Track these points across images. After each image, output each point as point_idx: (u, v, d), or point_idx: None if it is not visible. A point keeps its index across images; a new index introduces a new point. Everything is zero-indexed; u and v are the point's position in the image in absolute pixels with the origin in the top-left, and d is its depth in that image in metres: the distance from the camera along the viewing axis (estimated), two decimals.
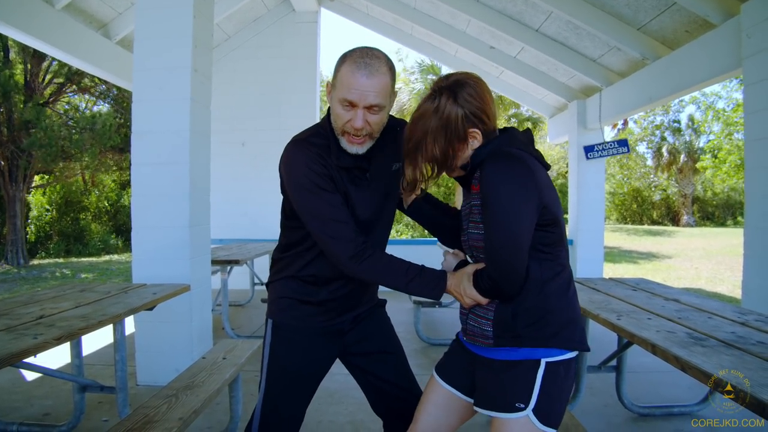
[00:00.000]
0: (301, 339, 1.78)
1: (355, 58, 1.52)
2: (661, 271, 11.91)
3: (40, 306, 2.53)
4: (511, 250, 1.37)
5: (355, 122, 1.53)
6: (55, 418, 3.17)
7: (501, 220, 1.37)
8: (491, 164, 1.40)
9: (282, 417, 1.76)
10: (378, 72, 1.51)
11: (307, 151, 1.61)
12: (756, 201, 3.66)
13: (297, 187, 1.60)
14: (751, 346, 1.77)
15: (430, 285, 1.55)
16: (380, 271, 1.57)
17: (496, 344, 1.47)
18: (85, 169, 15.73)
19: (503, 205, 1.37)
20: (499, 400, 1.45)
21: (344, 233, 1.57)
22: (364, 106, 1.52)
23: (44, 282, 10.85)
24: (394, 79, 1.58)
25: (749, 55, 3.66)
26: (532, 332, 1.43)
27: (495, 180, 1.38)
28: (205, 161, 3.99)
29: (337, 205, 1.58)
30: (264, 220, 7.73)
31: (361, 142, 1.59)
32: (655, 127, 28.40)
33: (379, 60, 1.53)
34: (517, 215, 1.37)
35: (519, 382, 1.43)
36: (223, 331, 5.00)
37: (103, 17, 5.88)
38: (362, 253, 1.56)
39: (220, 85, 7.52)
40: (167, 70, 3.73)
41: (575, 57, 6.34)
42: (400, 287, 1.58)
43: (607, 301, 2.72)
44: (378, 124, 1.58)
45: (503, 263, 1.39)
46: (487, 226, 1.41)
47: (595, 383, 3.69)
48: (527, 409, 1.40)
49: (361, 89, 1.50)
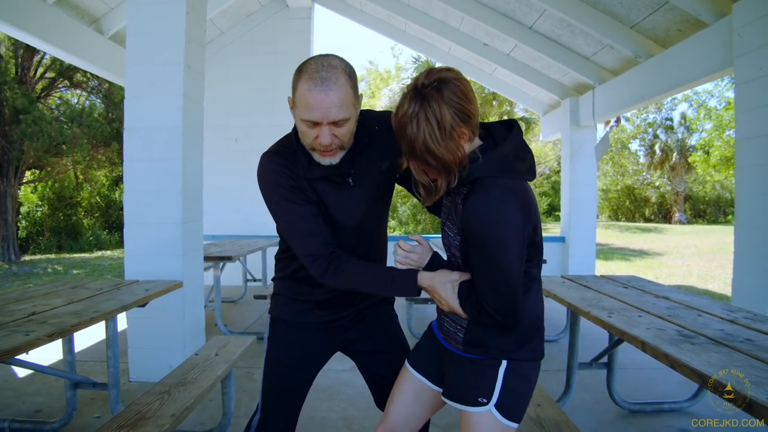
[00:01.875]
0: (297, 333, 1.80)
1: (311, 74, 1.44)
2: (653, 269, 11.98)
3: (32, 303, 2.52)
4: (507, 287, 1.37)
5: (322, 140, 1.49)
6: (47, 415, 3.16)
7: (496, 260, 1.34)
8: (478, 200, 1.34)
9: (280, 411, 1.78)
10: (336, 85, 1.44)
11: (273, 164, 1.60)
12: (747, 199, 3.69)
13: (267, 199, 1.62)
14: (739, 343, 1.79)
15: (403, 287, 1.54)
16: (348, 280, 1.57)
17: (464, 351, 1.52)
18: (77, 165, 15.62)
19: (496, 245, 1.34)
20: (463, 393, 1.50)
21: (310, 248, 1.57)
22: (328, 123, 1.46)
23: (36, 278, 10.78)
24: (355, 86, 1.52)
25: (741, 54, 3.68)
26: (499, 344, 1.48)
27: (484, 219, 1.33)
28: (198, 158, 3.98)
29: (305, 217, 1.57)
30: (256, 217, 7.71)
31: (333, 153, 1.55)
32: (647, 124, 28.49)
33: (335, 70, 1.45)
34: (511, 253, 1.34)
35: (482, 377, 1.48)
36: (216, 328, 4.99)
37: (96, 12, 5.84)
38: (328, 268, 1.56)
39: (213, 81, 7.50)
40: (160, 66, 3.71)
41: (568, 55, 6.35)
42: (375, 293, 1.62)
43: (598, 298, 2.74)
44: (347, 135, 1.53)
45: (501, 300, 1.37)
46: (480, 262, 1.39)
47: (586, 380, 3.71)
48: (489, 404, 1.45)
49: (321, 108, 1.43)
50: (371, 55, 72.40)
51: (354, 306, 1.82)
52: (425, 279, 1.52)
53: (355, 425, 3.08)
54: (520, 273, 1.38)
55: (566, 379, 3.27)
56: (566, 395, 3.25)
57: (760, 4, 3.48)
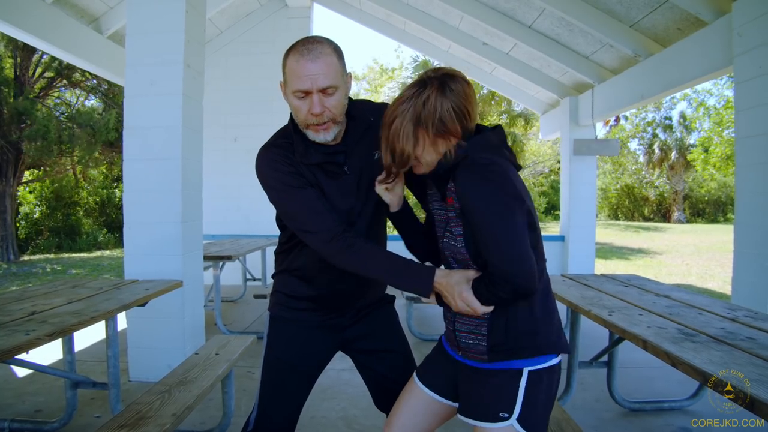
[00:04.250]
0: (297, 331, 1.79)
1: (298, 48, 1.51)
2: (653, 267, 11.98)
3: (32, 302, 2.52)
4: (519, 245, 1.32)
5: (313, 108, 1.51)
6: (47, 415, 3.16)
7: (498, 221, 1.31)
8: (467, 177, 1.34)
9: (278, 409, 1.77)
10: (322, 54, 1.49)
11: (271, 154, 1.62)
12: (746, 198, 3.69)
13: (270, 190, 1.62)
14: (741, 341, 1.79)
15: (418, 279, 1.48)
16: (363, 260, 1.53)
17: (491, 360, 1.45)
18: (77, 164, 15.61)
19: (494, 208, 1.31)
20: (482, 409, 1.43)
21: (322, 224, 1.55)
22: (317, 90, 1.49)
23: (35, 278, 10.78)
24: (342, 61, 1.57)
25: (740, 52, 3.68)
26: (525, 343, 1.43)
27: (476, 196, 1.32)
28: (197, 157, 3.98)
29: (311, 198, 1.57)
30: (256, 216, 7.72)
31: (326, 128, 1.56)
32: (646, 123, 28.52)
33: (321, 44, 1.51)
34: (513, 229, 1.32)
35: (502, 392, 1.42)
36: (216, 327, 4.99)
37: (95, 11, 5.83)
38: (342, 242, 1.53)
39: (212, 80, 7.48)
40: (159, 65, 3.71)
41: (568, 54, 6.35)
42: (385, 279, 1.55)
43: (598, 297, 2.74)
44: (337, 107, 1.55)
45: (515, 260, 1.32)
46: (485, 231, 1.34)
47: (586, 378, 3.71)
48: (511, 418, 1.39)
49: (309, 75, 1.48)
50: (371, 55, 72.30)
51: (353, 303, 1.81)
52: (441, 275, 1.46)
53: (356, 424, 3.08)
54: (525, 233, 1.34)
55: (567, 378, 3.26)
56: (567, 394, 3.25)
57: (760, 3, 3.48)
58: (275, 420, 1.77)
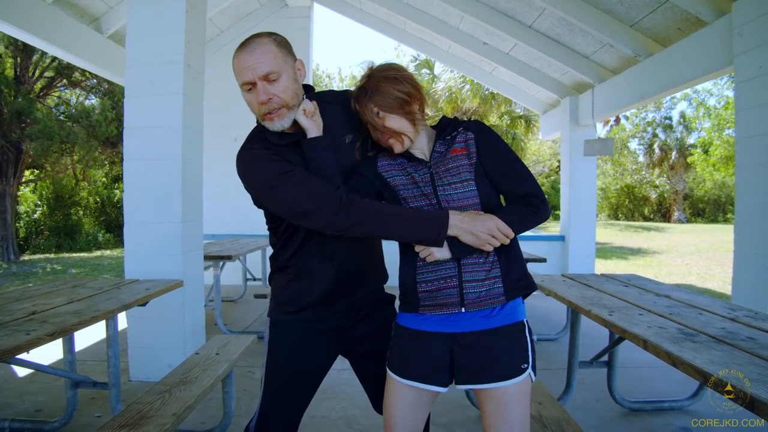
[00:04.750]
0: (298, 336, 1.77)
1: (239, 46, 1.60)
2: (653, 267, 11.99)
3: (33, 302, 2.52)
4: (535, 180, 1.61)
5: (259, 97, 1.57)
6: (48, 415, 3.16)
7: (526, 170, 1.61)
8: (485, 129, 1.64)
9: (279, 415, 1.76)
10: (258, 44, 1.57)
11: (250, 152, 1.67)
12: (746, 198, 3.70)
13: (258, 183, 1.65)
14: (741, 341, 1.79)
15: (432, 223, 1.49)
16: (371, 217, 1.53)
17: (508, 297, 1.56)
18: (77, 164, 15.60)
19: (518, 160, 1.62)
20: (507, 368, 1.52)
21: (319, 194, 1.55)
22: (259, 79, 1.56)
23: (35, 278, 10.78)
24: (284, 49, 1.62)
25: (741, 52, 3.68)
26: (526, 280, 1.62)
27: (497, 137, 1.63)
28: (198, 156, 3.98)
29: (303, 174, 1.58)
30: (256, 216, 7.57)
31: (279, 114, 1.60)
32: (647, 123, 28.52)
33: (258, 37, 1.59)
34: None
35: (518, 345, 1.55)
36: (216, 327, 4.99)
37: (95, 11, 5.83)
38: (346, 202, 1.53)
39: (212, 80, 7.45)
40: (159, 65, 3.71)
41: (568, 53, 6.35)
42: (397, 231, 1.53)
43: (599, 296, 2.74)
44: (285, 92, 1.59)
45: (538, 189, 1.58)
46: (511, 167, 1.60)
47: (586, 378, 3.71)
48: (529, 367, 1.54)
49: (247, 66, 1.55)
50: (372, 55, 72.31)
51: (351, 300, 1.79)
52: (455, 215, 1.50)
53: (356, 424, 3.08)
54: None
55: (567, 378, 3.26)
56: (567, 393, 3.25)
57: (761, 3, 3.49)
58: (277, 426, 1.76)
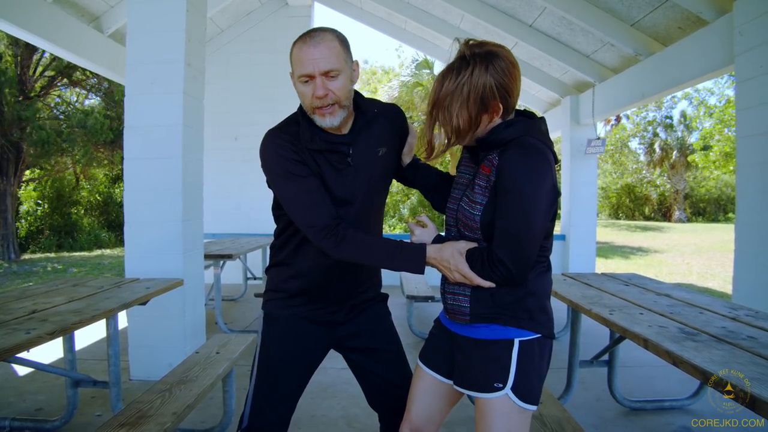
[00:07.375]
0: (291, 328, 1.79)
1: (302, 37, 1.58)
2: (653, 267, 11.98)
3: (33, 301, 2.52)
4: (529, 240, 1.40)
5: (317, 91, 1.56)
6: (48, 413, 3.16)
7: (524, 210, 1.37)
8: (516, 153, 1.39)
9: (272, 406, 1.76)
10: (324, 40, 1.55)
11: (277, 139, 1.65)
12: (747, 197, 3.69)
13: (271, 174, 1.65)
14: (742, 340, 1.79)
15: (411, 261, 1.55)
16: (359, 251, 1.58)
17: (472, 321, 1.50)
18: (77, 163, 15.60)
19: (527, 196, 1.37)
20: (478, 380, 1.47)
21: (317, 218, 1.58)
22: (320, 74, 1.55)
23: (35, 277, 10.78)
24: (346, 48, 1.61)
25: (741, 52, 3.68)
26: (509, 311, 1.47)
27: (520, 170, 1.38)
28: (198, 155, 3.98)
29: (311, 189, 1.60)
30: (257, 215, 7.72)
31: (331, 111, 1.60)
32: (647, 123, 28.47)
33: (324, 32, 1.58)
34: (539, 208, 1.38)
35: (495, 362, 1.46)
36: (216, 326, 5.00)
37: (95, 10, 5.83)
38: (337, 236, 1.57)
39: (213, 79, 7.48)
40: (160, 63, 3.71)
41: (569, 53, 6.34)
42: (380, 264, 1.60)
43: (599, 296, 2.74)
44: (341, 90, 1.58)
45: (519, 251, 1.39)
46: (506, 214, 1.40)
47: (587, 378, 3.71)
48: (506, 388, 1.43)
49: (311, 59, 1.54)
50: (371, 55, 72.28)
51: (345, 296, 1.81)
52: (433, 251, 1.54)
53: (356, 423, 3.08)
54: (543, 229, 1.42)
55: (567, 377, 3.27)
56: (567, 393, 3.25)
57: (761, 2, 3.48)
58: (269, 417, 1.76)
